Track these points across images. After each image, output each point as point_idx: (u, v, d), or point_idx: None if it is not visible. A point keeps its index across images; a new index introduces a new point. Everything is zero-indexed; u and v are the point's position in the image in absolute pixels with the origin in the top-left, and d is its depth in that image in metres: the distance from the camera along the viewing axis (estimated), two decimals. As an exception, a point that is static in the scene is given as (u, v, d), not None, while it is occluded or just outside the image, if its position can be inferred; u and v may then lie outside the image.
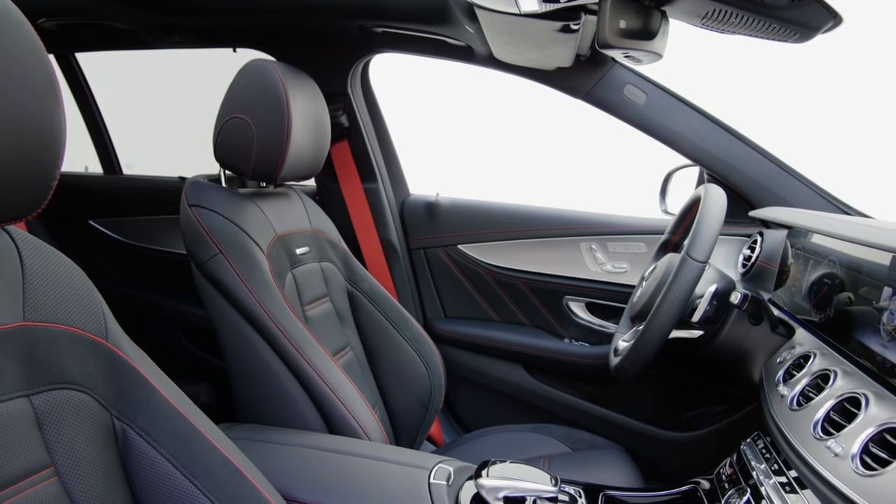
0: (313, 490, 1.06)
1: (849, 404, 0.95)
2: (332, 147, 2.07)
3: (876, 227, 1.09)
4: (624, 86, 1.83)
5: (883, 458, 0.79)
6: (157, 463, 0.81)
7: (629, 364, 1.35)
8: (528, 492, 1.04)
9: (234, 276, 1.30)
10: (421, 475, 1.08)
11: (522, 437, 1.80)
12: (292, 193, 1.66)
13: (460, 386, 2.24)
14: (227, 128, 1.38)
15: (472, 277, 2.21)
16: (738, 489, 1.15)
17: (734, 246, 1.90)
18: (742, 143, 1.82)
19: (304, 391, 1.30)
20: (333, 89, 2.01)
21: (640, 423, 2.02)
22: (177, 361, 2.40)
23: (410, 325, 1.71)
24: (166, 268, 2.44)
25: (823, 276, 1.23)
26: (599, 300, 2.10)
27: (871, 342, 0.99)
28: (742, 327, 1.40)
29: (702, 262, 1.23)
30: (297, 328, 1.31)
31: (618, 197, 2.66)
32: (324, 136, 1.54)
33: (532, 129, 3.41)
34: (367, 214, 2.15)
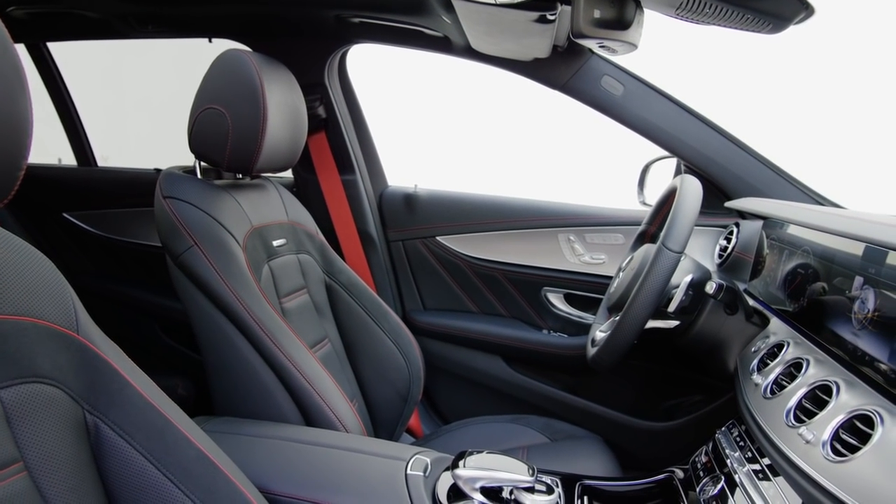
0: (289, 482, 1.05)
1: (820, 392, 0.96)
2: (309, 138, 2.06)
3: (849, 217, 1.11)
4: (601, 77, 1.84)
5: (852, 445, 0.80)
6: (130, 456, 0.80)
7: (606, 354, 1.36)
8: (504, 482, 1.04)
9: (209, 268, 1.28)
10: (398, 466, 1.08)
11: (501, 428, 1.81)
12: (269, 185, 1.64)
13: (439, 378, 2.24)
14: (202, 119, 1.36)
15: (450, 269, 2.21)
16: (712, 477, 1.16)
17: (711, 237, 1.91)
18: (718, 135, 1.83)
19: (281, 384, 1.30)
20: (310, 80, 2.00)
21: (619, 414, 2.03)
22: (154, 355, 2.39)
23: (389, 316, 1.70)
24: (143, 261, 2.41)
25: (797, 266, 1.24)
26: (578, 291, 2.11)
27: (843, 331, 1.00)
28: (717, 317, 1.41)
29: (677, 252, 1.24)
30: (274, 320, 1.31)
31: (596, 188, 2.67)
32: (300, 128, 1.53)
33: (510, 120, 3.41)
34: (345, 206, 2.14)
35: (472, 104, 3.43)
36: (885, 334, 0.88)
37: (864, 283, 0.96)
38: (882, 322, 0.90)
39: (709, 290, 1.36)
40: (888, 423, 0.78)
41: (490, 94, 3.28)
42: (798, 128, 2.93)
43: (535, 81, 1.89)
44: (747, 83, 3.05)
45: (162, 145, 2.43)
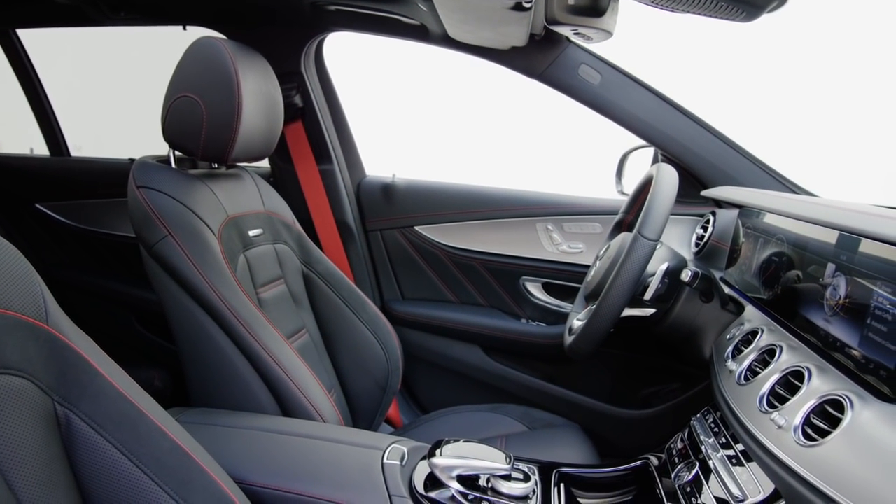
0: (265, 473, 1.05)
1: (793, 378, 0.97)
2: (285, 128, 2.05)
3: (822, 206, 1.12)
4: (579, 66, 1.84)
5: (823, 429, 0.81)
6: (102, 448, 0.79)
7: (583, 342, 1.36)
8: (481, 470, 1.04)
9: (183, 258, 1.27)
10: (374, 456, 1.08)
11: (480, 417, 1.81)
12: (245, 175, 1.63)
13: (418, 367, 2.24)
14: (176, 107, 1.34)
15: (428, 259, 2.20)
16: (687, 463, 1.17)
17: (688, 226, 1.92)
18: (695, 124, 1.84)
19: (258, 374, 1.29)
20: (286, 69, 1.98)
21: (597, 402, 2.04)
22: (131, 347, 2.37)
23: (367, 306, 1.70)
24: (118, 252, 2.39)
25: (772, 255, 1.25)
26: (556, 280, 2.12)
27: (816, 318, 1.02)
28: (693, 305, 1.42)
29: (653, 240, 1.24)
30: (250, 311, 1.30)
31: (575, 178, 2.67)
32: (276, 116, 1.51)
33: (489, 110, 3.40)
34: (323, 196, 2.13)
35: (451, 94, 3.42)
36: (855, 320, 0.89)
37: (836, 271, 0.97)
38: (853, 308, 0.91)
39: (684, 277, 1.37)
40: (858, 407, 0.79)
41: (468, 84, 3.27)
42: (772, 117, 2.95)
43: (512, 70, 1.89)
44: (723, 72, 3.06)
45: (137, 135, 2.40)
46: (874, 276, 0.87)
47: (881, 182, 2.84)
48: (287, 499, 1.02)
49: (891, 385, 0.78)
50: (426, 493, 1.03)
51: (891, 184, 2.81)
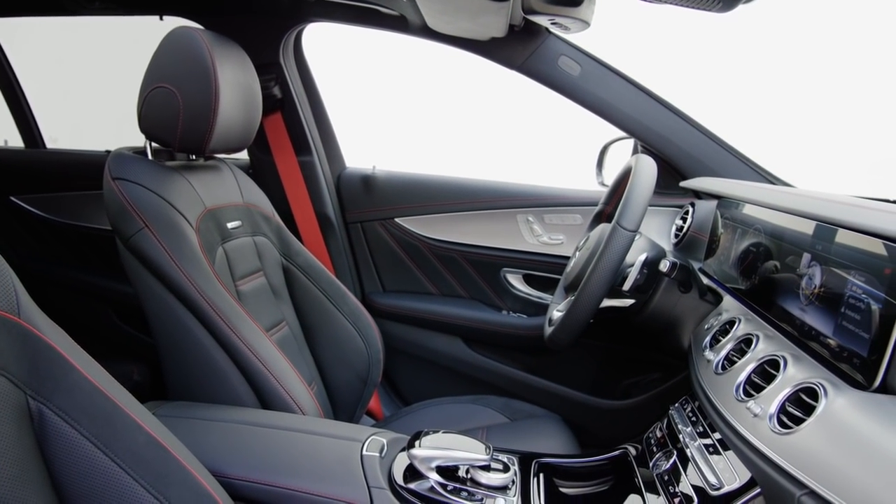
0: (244, 466, 1.04)
1: (769, 367, 0.98)
2: (264, 119, 2.03)
3: (799, 196, 1.12)
4: (558, 57, 1.84)
5: (798, 417, 0.82)
6: (77, 442, 0.78)
7: (562, 333, 1.36)
8: (461, 461, 1.04)
9: (160, 250, 1.26)
10: (353, 447, 1.08)
11: (461, 408, 1.81)
12: (223, 166, 1.61)
13: (399, 359, 2.24)
14: (152, 98, 1.33)
15: (409, 251, 2.20)
16: (665, 452, 1.18)
17: (667, 217, 1.94)
18: (675, 116, 1.85)
19: (236, 367, 1.28)
20: (265, 59, 1.97)
21: (578, 393, 2.05)
22: (109, 341, 2.35)
23: (347, 299, 1.69)
24: (96, 245, 2.36)
25: (750, 245, 1.26)
26: (536, 272, 2.12)
27: (792, 307, 1.02)
28: (672, 295, 1.43)
29: (632, 230, 1.25)
30: (228, 303, 1.29)
31: (556, 169, 2.67)
32: (254, 108, 1.50)
33: (469, 101, 3.39)
34: (302, 188, 2.12)
35: (431, 86, 3.41)
36: (830, 309, 0.90)
37: (812, 260, 0.98)
38: (827, 298, 0.91)
39: (663, 268, 1.37)
40: (832, 395, 0.79)
41: (449, 76, 3.26)
42: (749, 108, 2.97)
43: (492, 61, 1.89)
44: (702, 63, 3.08)
45: (114, 126, 2.37)
46: (848, 265, 0.87)
47: (857, 172, 2.87)
48: (266, 492, 1.02)
49: (864, 373, 0.79)
50: (405, 485, 1.03)
51: (867, 174, 2.84)
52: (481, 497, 1.04)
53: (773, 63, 3.04)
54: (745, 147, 1.84)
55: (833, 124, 2.97)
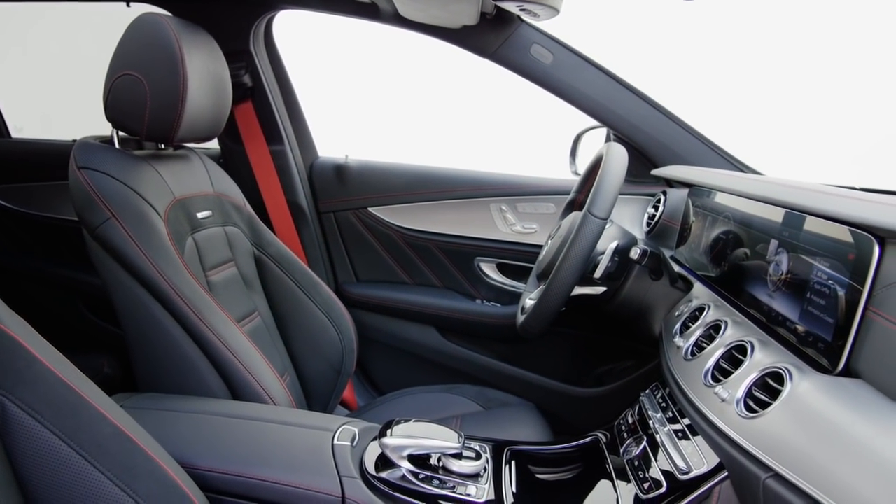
0: (214, 457, 1.04)
1: (737, 352, 0.99)
2: (235, 108, 2.01)
3: (768, 183, 1.13)
4: (531, 45, 1.83)
5: (764, 401, 0.83)
6: (40, 435, 0.77)
7: (534, 321, 1.37)
8: (432, 449, 1.04)
9: (128, 240, 1.24)
10: (325, 437, 1.07)
11: (435, 397, 1.82)
12: (193, 156, 1.59)
13: (374, 349, 2.24)
14: (118, 86, 1.31)
15: (383, 240, 2.19)
16: (635, 438, 1.19)
17: (640, 205, 1.95)
18: (646, 104, 1.86)
19: (206, 358, 1.27)
20: (234, 47, 1.94)
21: (552, 381, 2.06)
22: (79, 333, 2.31)
23: (320, 289, 1.68)
24: (64, 236, 2.32)
25: (720, 233, 1.27)
26: (510, 260, 2.12)
27: (760, 293, 1.04)
28: (643, 283, 1.44)
29: (602, 218, 1.25)
30: (197, 293, 1.27)
31: (529, 158, 2.68)
32: (224, 96, 1.48)
33: (443, 90, 3.39)
34: (274, 177, 2.10)
35: (404, 75, 3.39)
36: (796, 295, 0.91)
37: (779, 247, 0.99)
38: (794, 284, 0.92)
39: (633, 255, 1.38)
40: (797, 379, 0.80)
41: (421, 65, 3.25)
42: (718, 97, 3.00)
43: (464, 49, 1.88)
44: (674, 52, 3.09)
45: (82, 115, 2.33)
46: (814, 251, 0.88)
47: (827, 161, 2.91)
48: (236, 482, 1.01)
49: (829, 357, 0.80)
50: (377, 474, 1.03)
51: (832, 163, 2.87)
52: (453, 485, 1.04)
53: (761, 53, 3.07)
54: (733, 139, 1.85)
55: (817, 115, 3.00)
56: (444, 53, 1.94)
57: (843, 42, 2.90)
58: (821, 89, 2.97)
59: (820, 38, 2.93)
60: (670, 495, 0.98)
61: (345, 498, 0.99)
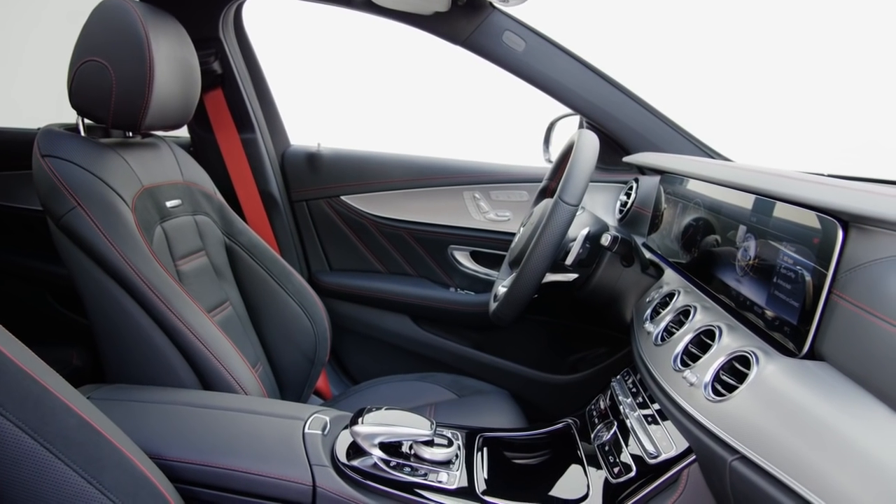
0: (183, 447, 1.03)
1: (705, 337, 1.00)
2: (204, 95, 1.99)
3: (736, 169, 1.14)
4: (503, 32, 1.83)
5: (731, 385, 0.84)
6: (3, 428, 0.76)
7: (506, 308, 1.37)
8: (403, 436, 1.04)
9: (94, 229, 1.22)
10: (295, 426, 1.07)
11: (410, 386, 1.81)
12: (162, 144, 1.57)
13: (348, 338, 2.23)
14: (83, 72, 1.28)
15: (356, 229, 2.18)
16: (606, 423, 1.19)
17: (613, 193, 1.96)
18: (618, 92, 1.87)
19: (176, 348, 1.25)
20: (203, 34, 1.91)
21: (526, 369, 2.07)
22: (47, 325, 2.28)
23: (292, 278, 1.67)
24: (30, 226, 2.28)
25: (691, 219, 1.28)
26: (483, 249, 2.13)
27: (729, 279, 1.05)
28: (614, 269, 1.45)
29: (573, 204, 1.26)
30: (166, 283, 1.26)
31: (503, 146, 2.67)
32: (193, 83, 1.46)
33: (417, 77, 3.37)
34: (245, 166, 2.08)
35: (378, 63, 3.37)
36: (763, 280, 0.92)
37: (747, 232, 1.00)
38: (761, 268, 0.93)
39: (604, 242, 1.39)
40: (763, 362, 0.81)
41: (394, 52, 3.23)
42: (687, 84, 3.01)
43: (436, 37, 1.87)
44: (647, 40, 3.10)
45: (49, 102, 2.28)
46: (781, 236, 0.89)
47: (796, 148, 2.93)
48: (205, 473, 1.00)
49: (794, 340, 0.81)
50: (348, 462, 1.02)
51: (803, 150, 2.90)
52: (424, 472, 1.04)
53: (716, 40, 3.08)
54: (686, 123, 1.87)
55: (815, 110, 3.03)
56: (416, 41, 1.93)
57: (841, 38, 2.92)
58: (819, 84, 3.00)
59: (818, 33, 2.95)
60: (640, 479, 0.98)
61: (315, 487, 0.99)
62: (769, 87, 3.05)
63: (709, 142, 1.87)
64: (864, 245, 0.74)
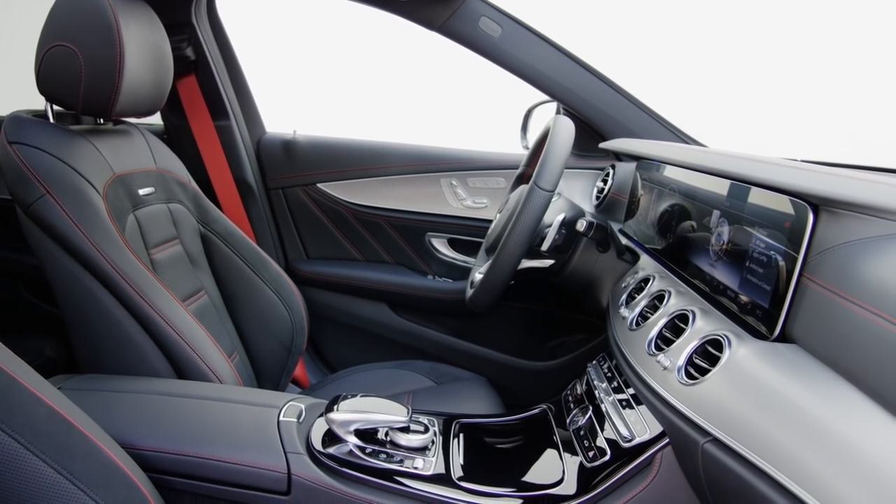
0: (157, 437, 1.02)
1: (679, 321, 1.01)
2: (178, 82, 1.96)
3: (710, 154, 1.15)
4: (479, 18, 1.82)
5: (704, 368, 0.84)
6: (-31, 418, 0.75)
7: (483, 294, 1.37)
8: (379, 423, 1.04)
9: (64, 218, 1.20)
10: (270, 414, 1.06)
11: (388, 374, 1.81)
12: (134, 131, 1.55)
13: (326, 327, 2.23)
14: (50, 57, 1.25)
15: (333, 217, 2.17)
16: (581, 408, 1.20)
17: (590, 179, 1.96)
18: (595, 78, 1.86)
19: (150, 337, 1.24)
20: (175, 19, 1.89)
21: (504, 356, 2.08)
22: (19, 316, 2.25)
23: (269, 266, 1.66)
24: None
25: (667, 205, 1.28)
26: (461, 236, 2.12)
27: (703, 263, 1.05)
28: (590, 255, 1.46)
29: (549, 190, 1.26)
30: (139, 271, 1.24)
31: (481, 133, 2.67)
32: (165, 69, 1.44)
33: (393, 64, 3.35)
34: (220, 153, 2.06)
35: (354, 49, 3.35)
36: (736, 264, 0.93)
37: (721, 217, 1.00)
38: (734, 253, 0.94)
39: (579, 227, 1.39)
40: (735, 345, 0.82)
41: (371, 38, 3.20)
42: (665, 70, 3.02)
43: (412, 22, 1.86)
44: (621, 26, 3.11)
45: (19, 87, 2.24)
46: (753, 220, 0.90)
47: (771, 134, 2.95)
48: (179, 462, 1.00)
49: (766, 323, 0.81)
50: (324, 450, 1.02)
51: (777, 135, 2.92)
52: (400, 458, 1.04)
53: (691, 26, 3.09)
54: (662, 109, 1.87)
55: (746, 87, 3.04)
56: (393, 27, 1.92)
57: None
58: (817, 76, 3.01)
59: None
60: (614, 462, 0.99)
61: (290, 474, 0.99)
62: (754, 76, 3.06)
63: (690, 131, 1.88)
64: (834, 228, 0.75)
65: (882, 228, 0.69)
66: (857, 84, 2.82)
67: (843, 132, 2.77)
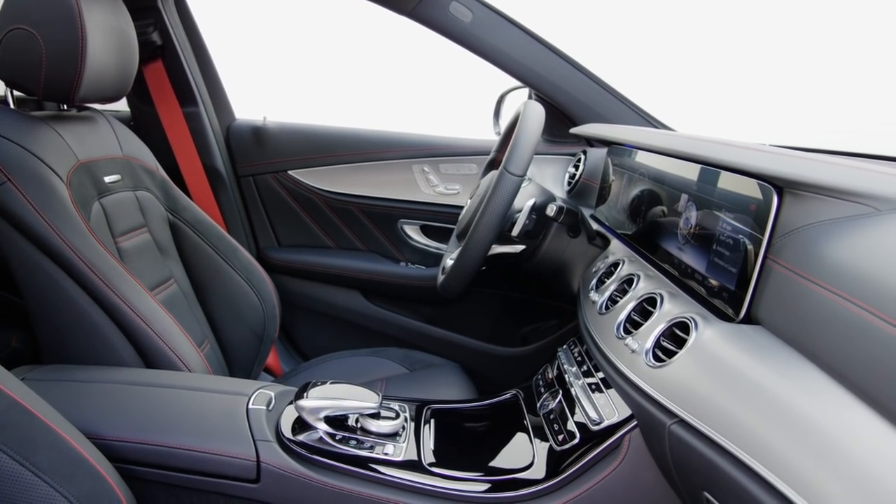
0: (123, 426, 1.01)
1: (648, 304, 1.01)
2: (144, 67, 1.93)
3: (679, 138, 1.15)
4: (450, 3, 1.81)
5: (672, 351, 0.85)
6: (-74, 411, 0.73)
7: (453, 280, 1.37)
8: (349, 410, 1.04)
9: (26, 206, 1.18)
10: (239, 402, 1.06)
11: (361, 361, 1.81)
12: (100, 118, 1.52)
13: (298, 315, 2.21)
14: (9, 41, 1.22)
15: (304, 204, 2.16)
16: (551, 392, 1.21)
17: (562, 165, 1.96)
18: (566, 63, 1.86)
19: (116, 326, 1.22)
20: (141, 3, 1.85)
21: (477, 342, 2.08)
22: None
23: (239, 254, 1.64)
24: None
25: (637, 190, 1.29)
26: (433, 222, 2.12)
27: (672, 247, 1.06)
28: (561, 240, 1.46)
29: (519, 175, 1.25)
30: (104, 259, 1.22)
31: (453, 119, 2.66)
32: (130, 54, 1.41)
33: (363, 49, 3.33)
34: (189, 140, 2.03)
35: (325, 34, 3.32)
36: (703, 248, 0.93)
37: (689, 201, 1.01)
38: (702, 236, 0.94)
39: (549, 212, 1.39)
40: (702, 327, 0.82)
41: (341, 24, 3.18)
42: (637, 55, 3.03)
43: (382, 6, 1.84)
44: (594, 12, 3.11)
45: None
46: (720, 204, 0.90)
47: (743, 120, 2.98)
48: (146, 451, 0.99)
49: (732, 306, 0.82)
50: (293, 437, 1.02)
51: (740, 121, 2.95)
52: (371, 444, 1.04)
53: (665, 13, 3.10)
54: (632, 94, 1.88)
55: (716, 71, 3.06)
56: (364, 12, 1.90)
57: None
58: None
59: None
60: (583, 446, 1.00)
61: (260, 462, 0.98)
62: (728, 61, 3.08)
63: (662, 117, 1.88)
64: (798, 210, 0.75)
65: (843, 210, 0.70)
66: (834, 70, 2.85)
67: (821, 118, 2.79)
